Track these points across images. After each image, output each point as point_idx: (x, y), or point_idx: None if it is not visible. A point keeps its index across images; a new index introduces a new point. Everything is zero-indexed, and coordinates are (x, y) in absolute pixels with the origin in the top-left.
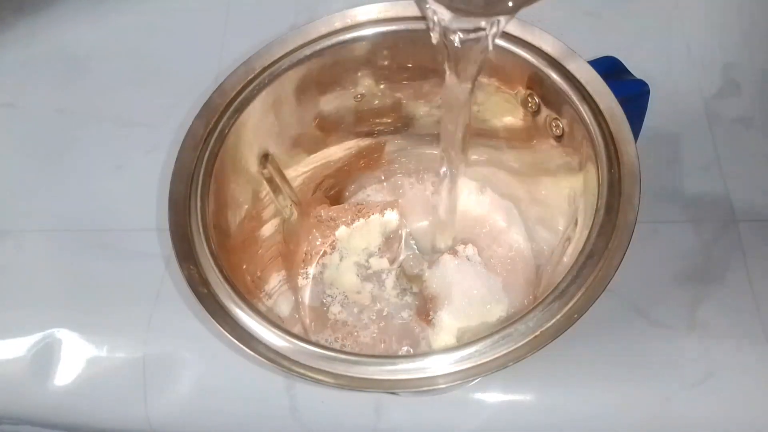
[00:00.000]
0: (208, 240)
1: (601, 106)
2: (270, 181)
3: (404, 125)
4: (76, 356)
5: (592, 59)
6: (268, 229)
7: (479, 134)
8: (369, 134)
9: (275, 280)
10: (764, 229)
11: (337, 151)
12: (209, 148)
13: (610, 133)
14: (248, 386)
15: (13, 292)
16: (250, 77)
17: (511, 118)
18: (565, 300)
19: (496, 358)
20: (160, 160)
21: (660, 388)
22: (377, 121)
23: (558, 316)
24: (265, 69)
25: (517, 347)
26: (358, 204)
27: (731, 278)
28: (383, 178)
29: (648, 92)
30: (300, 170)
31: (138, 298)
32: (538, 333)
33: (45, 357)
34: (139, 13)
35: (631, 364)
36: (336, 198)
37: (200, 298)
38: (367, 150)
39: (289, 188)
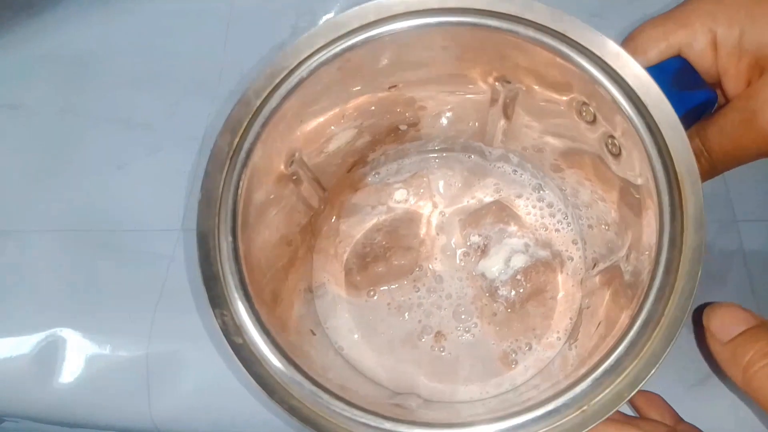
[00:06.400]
0: (242, 280)
1: (667, 137)
2: (295, 178)
3: (438, 113)
4: (79, 355)
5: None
6: (296, 234)
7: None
8: (400, 121)
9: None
10: (764, 229)
11: (366, 139)
12: (236, 170)
13: (675, 172)
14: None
15: (17, 291)
16: (275, 83)
17: (564, 124)
18: (618, 373)
19: None
20: (163, 160)
21: (660, 387)
22: (409, 112)
23: (606, 392)
24: (292, 71)
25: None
26: (384, 184)
27: (731, 278)
28: (415, 162)
29: (714, 102)
30: (327, 161)
31: (141, 297)
32: (585, 407)
33: (48, 355)
34: (143, 14)
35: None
36: (363, 182)
37: (236, 350)
38: (397, 136)
39: (315, 180)
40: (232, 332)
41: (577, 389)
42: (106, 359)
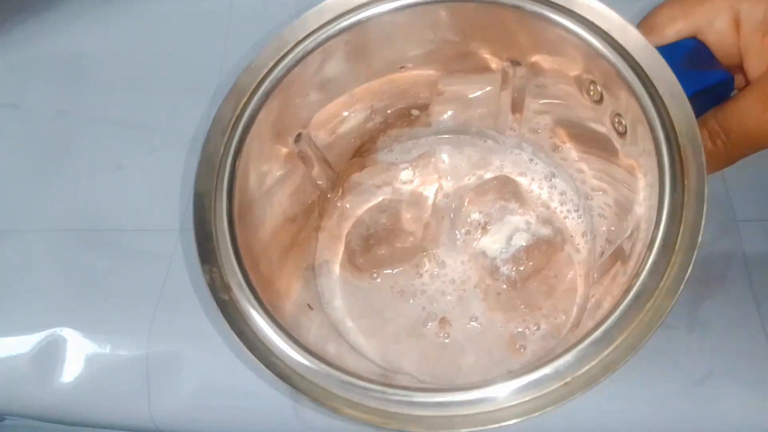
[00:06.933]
0: (234, 239)
1: (673, 114)
2: (303, 156)
3: (447, 99)
4: (79, 354)
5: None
6: (301, 212)
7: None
8: (411, 106)
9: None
10: (764, 229)
11: (377, 122)
12: (237, 134)
13: (678, 144)
14: (251, 384)
15: (18, 290)
16: (282, 53)
17: (574, 108)
18: (606, 344)
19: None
20: (162, 160)
21: (661, 387)
22: (420, 91)
23: (593, 363)
24: (298, 43)
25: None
26: (390, 164)
27: (731, 278)
28: (429, 144)
29: (731, 84)
30: (338, 142)
31: (141, 297)
32: (569, 380)
33: (49, 355)
34: (142, 14)
35: (631, 363)
36: (370, 161)
37: (221, 305)
38: (409, 121)
39: (324, 160)
40: (218, 289)
41: (561, 360)
42: (106, 359)
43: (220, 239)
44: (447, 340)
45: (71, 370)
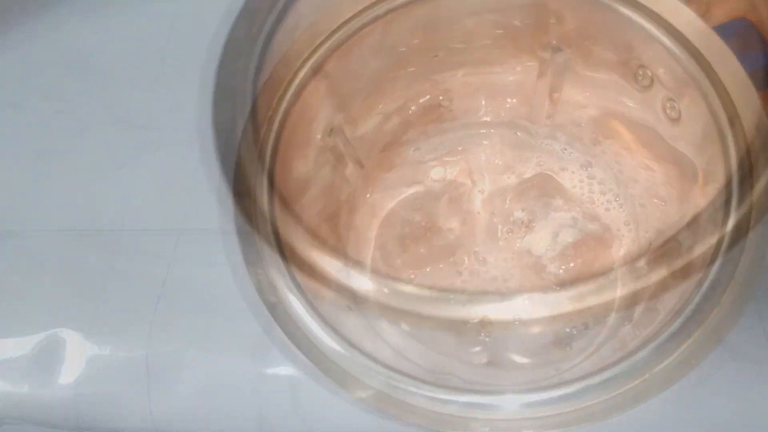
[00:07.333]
0: (278, 239)
1: (734, 96)
2: (336, 151)
3: (478, 89)
4: (79, 355)
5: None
6: (333, 209)
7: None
8: (441, 99)
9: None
10: (765, 229)
11: (407, 109)
12: (274, 129)
13: (743, 130)
14: (252, 384)
15: (17, 291)
16: (316, 43)
17: (616, 95)
18: (684, 337)
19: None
20: (163, 160)
21: None
22: (451, 80)
23: (671, 359)
24: (333, 32)
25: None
26: (420, 162)
27: None
28: (458, 138)
29: None
30: (365, 134)
31: (141, 297)
32: (646, 376)
33: (48, 355)
34: (142, 14)
35: None
36: (401, 158)
37: (270, 308)
38: (439, 114)
39: (355, 155)
40: (266, 291)
41: (639, 356)
42: (106, 359)
43: (262, 240)
44: (488, 339)
45: (71, 370)
